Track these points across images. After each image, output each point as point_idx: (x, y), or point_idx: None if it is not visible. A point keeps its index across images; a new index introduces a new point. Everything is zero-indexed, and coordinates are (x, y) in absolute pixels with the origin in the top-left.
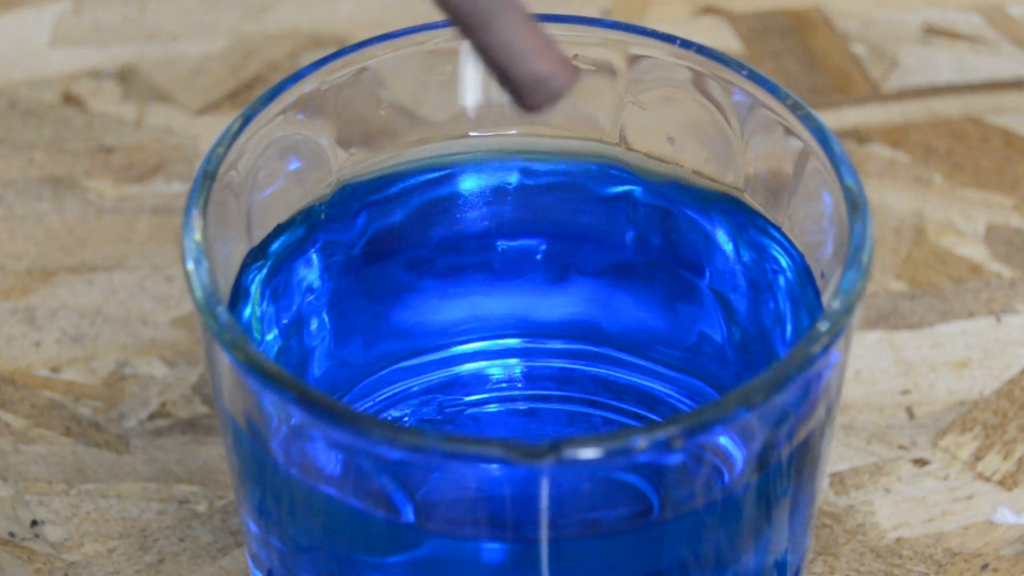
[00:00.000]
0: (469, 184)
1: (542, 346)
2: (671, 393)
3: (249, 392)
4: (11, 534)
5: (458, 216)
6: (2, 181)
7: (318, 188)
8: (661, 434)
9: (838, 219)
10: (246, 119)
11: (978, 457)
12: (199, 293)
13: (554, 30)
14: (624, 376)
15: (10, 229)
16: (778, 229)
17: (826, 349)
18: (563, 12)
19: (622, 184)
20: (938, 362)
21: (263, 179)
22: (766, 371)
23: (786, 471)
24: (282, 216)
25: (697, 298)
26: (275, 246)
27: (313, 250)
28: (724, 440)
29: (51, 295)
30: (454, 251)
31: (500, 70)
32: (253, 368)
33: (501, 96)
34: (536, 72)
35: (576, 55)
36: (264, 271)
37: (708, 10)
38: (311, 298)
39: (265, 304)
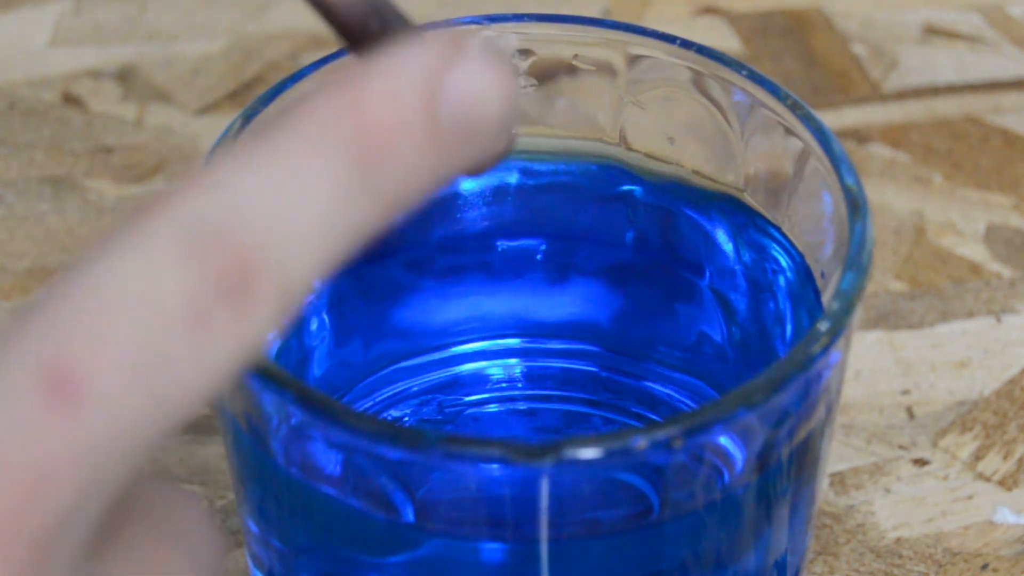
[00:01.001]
0: (469, 184)
1: (542, 346)
2: (671, 393)
3: (249, 392)
4: None
5: (458, 216)
6: (2, 181)
7: None
8: (661, 434)
9: (838, 219)
10: (246, 119)
11: (978, 457)
12: None
13: (554, 30)
14: (624, 376)
15: (10, 229)
16: (778, 229)
17: (826, 349)
18: (563, 12)
19: (622, 184)
20: (938, 362)
21: None
22: (766, 371)
23: (786, 471)
24: None
25: (697, 298)
26: None
27: None
28: (724, 440)
29: None
30: (454, 251)
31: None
32: (253, 368)
33: None
34: None
35: (576, 55)
36: None
37: (708, 10)
38: (311, 298)
39: None
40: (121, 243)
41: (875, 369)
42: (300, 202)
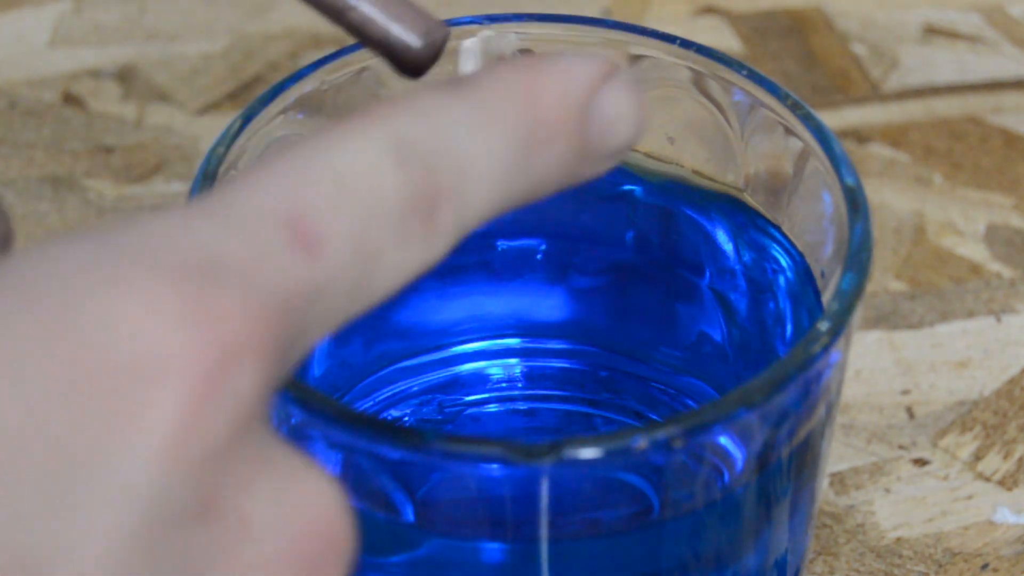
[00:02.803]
0: None
1: (542, 346)
2: (671, 393)
3: None
4: None
5: None
6: (2, 181)
7: None
8: (661, 434)
9: (838, 219)
10: (246, 119)
11: (978, 457)
12: None
13: (554, 30)
14: (624, 376)
15: None
16: (778, 229)
17: (826, 349)
18: (563, 12)
19: (622, 184)
20: (938, 362)
21: None
22: (766, 371)
23: (786, 471)
24: None
25: (697, 298)
26: None
27: None
28: (724, 440)
29: None
30: (454, 251)
31: (376, 42)
32: None
33: None
34: (413, 32)
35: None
36: None
37: (708, 10)
38: None
39: None
40: (344, 137)
41: (875, 369)
42: (487, 152)
